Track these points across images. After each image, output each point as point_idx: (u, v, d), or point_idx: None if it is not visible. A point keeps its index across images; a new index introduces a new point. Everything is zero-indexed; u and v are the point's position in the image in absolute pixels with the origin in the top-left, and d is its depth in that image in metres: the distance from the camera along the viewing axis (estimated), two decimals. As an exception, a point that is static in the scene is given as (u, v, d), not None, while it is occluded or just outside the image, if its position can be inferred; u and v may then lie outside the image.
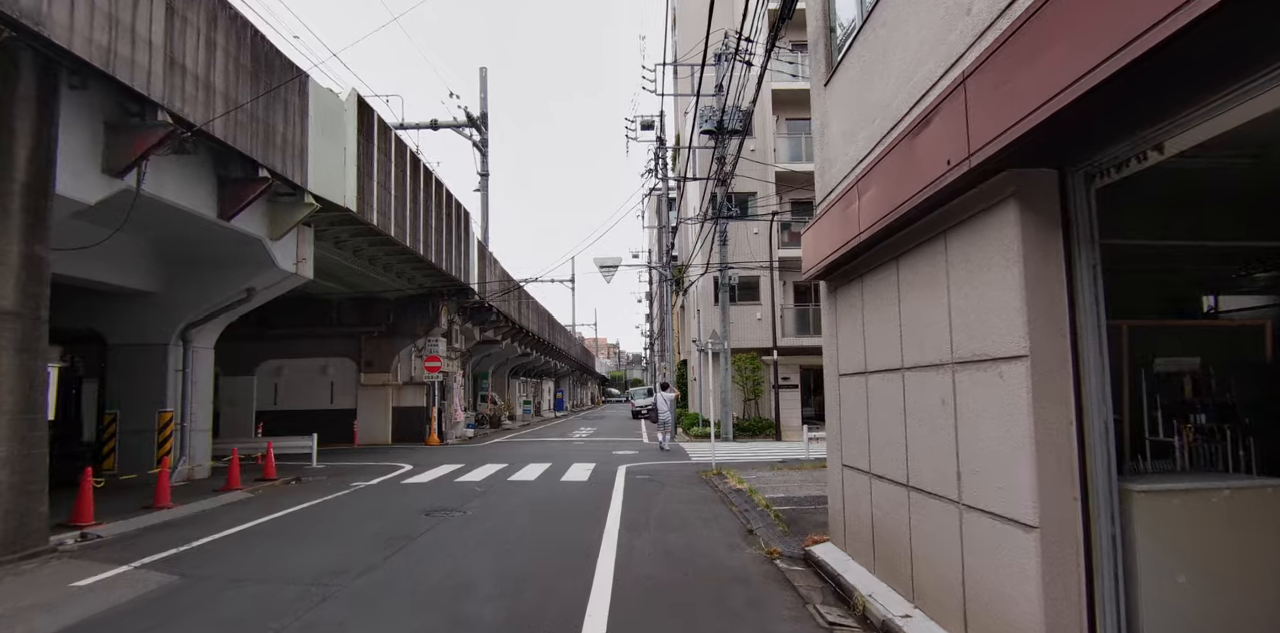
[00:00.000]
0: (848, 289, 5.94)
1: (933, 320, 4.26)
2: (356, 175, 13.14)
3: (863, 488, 5.57)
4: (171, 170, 9.27)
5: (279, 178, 10.69)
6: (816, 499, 8.96)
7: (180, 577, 5.75)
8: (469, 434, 24.56)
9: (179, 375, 11.88)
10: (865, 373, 5.50)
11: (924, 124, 3.87)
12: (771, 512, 8.12)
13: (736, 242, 21.99)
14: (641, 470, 13.07)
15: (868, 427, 5.44)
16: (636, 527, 7.50)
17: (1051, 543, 3.20)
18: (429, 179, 18.03)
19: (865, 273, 5.42)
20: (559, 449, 18.72)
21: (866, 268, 5.37)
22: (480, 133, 27.36)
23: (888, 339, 5.00)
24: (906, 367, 4.68)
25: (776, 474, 11.65)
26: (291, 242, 12.18)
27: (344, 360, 22.19)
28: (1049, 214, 3.37)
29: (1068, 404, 3.27)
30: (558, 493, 10.26)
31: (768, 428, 21.86)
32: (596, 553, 6.18)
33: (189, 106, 8.66)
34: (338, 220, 13.85)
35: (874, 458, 5.32)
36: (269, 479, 12.00)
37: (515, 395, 41.69)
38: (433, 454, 17.33)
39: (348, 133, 12.83)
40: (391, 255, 17.36)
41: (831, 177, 6.31)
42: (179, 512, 9.08)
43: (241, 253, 11.53)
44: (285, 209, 11.56)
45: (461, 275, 21.15)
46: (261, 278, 12.04)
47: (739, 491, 10.05)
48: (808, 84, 24.88)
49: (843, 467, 6.15)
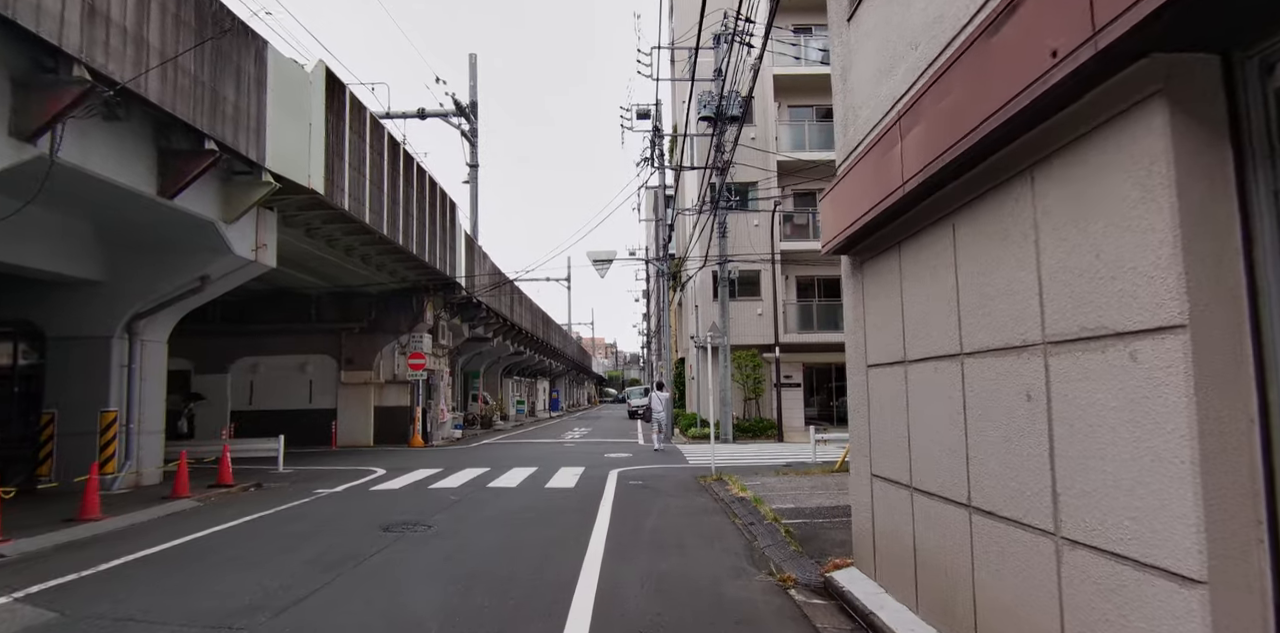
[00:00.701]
0: (880, 262, 4.87)
1: (1009, 288, 3.20)
2: (325, 155, 12.06)
3: (900, 504, 4.51)
4: (101, 138, 8.19)
5: (230, 151, 9.61)
6: (831, 511, 7.89)
7: (59, 615, 4.66)
8: (456, 436, 23.47)
9: (124, 372, 10.78)
10: (904, 363, 4.44)
11: (1009, 12, 2.80)
12: (781, 527, 7.05)
13: (736, 234, 20.93)
14: (635, 476, 12.00)
15: (907, 430, 4.38)
16: (624, 548, 6.43)
17: (1226, 606, 2.13)
18: (410, 165, 16.95)
19: (906, 237, 4.36)
20: (548, 452, 17.65)
21: (907, 231, 4.31)
22: (469, 122, 26.29)
23: (937, 319, 3.94)
24: (967, 352, 3.62)
25: (782, 481, 10.58)
26: (249, 225, 11.09)
27: (323, 358, 21.08)
28: (1211, 122, 2.31)
29: (1247, 397, 2.21)
30: (539, 503, 9.18)
31: (769, 429, 20.80)
32: (573, 587, 5.10)
33: (114, 63, 7.57)
34: (306, 204, 12.77)
35: (917, 469, 4.25)
36: (225, 486, 10.92)
37: (508, 395, 40.60)
38: (413, 458, 16.24)
39: (313, 108, 11.74)
40: (369, 245, 16.27)
41: (857, 128, 5.25)
42: (106, 525, 7.99)
43: (192, 237, 10.43)
44: (241, 189, 10.48)
45: (447, 269, 20.07)
46: (216, 265, 10.95)
47: (742, 500, 8.98)
48: (810, 69, 23.73)
49: (872, 477, 5.08)
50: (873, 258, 5.01)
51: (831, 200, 5.47)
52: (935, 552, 3.99)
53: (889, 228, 4.54)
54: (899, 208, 4.13)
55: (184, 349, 20.66)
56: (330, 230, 14.62)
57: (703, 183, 21.58)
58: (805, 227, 22.77)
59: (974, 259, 3.53)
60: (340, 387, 20.90)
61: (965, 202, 3.56)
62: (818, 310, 22.49)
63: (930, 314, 4.05)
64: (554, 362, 49.57)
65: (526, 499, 9.48)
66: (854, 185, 4.90)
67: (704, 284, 22.74)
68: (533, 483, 11.11)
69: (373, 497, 9.95)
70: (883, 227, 4.59)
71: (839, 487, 9.72)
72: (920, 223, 4.11)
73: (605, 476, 11.87)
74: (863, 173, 4.69)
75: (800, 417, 22.44)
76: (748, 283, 22.35)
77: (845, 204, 5.11)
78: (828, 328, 22.09)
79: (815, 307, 22.59)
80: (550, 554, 6.18)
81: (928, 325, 4.08)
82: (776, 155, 21.59)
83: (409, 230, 16.67)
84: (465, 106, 25.89)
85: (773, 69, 21.58)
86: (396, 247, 16.32)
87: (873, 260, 5.01)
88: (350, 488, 10.80)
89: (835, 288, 23.57)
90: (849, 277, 5.54)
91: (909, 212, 4.15)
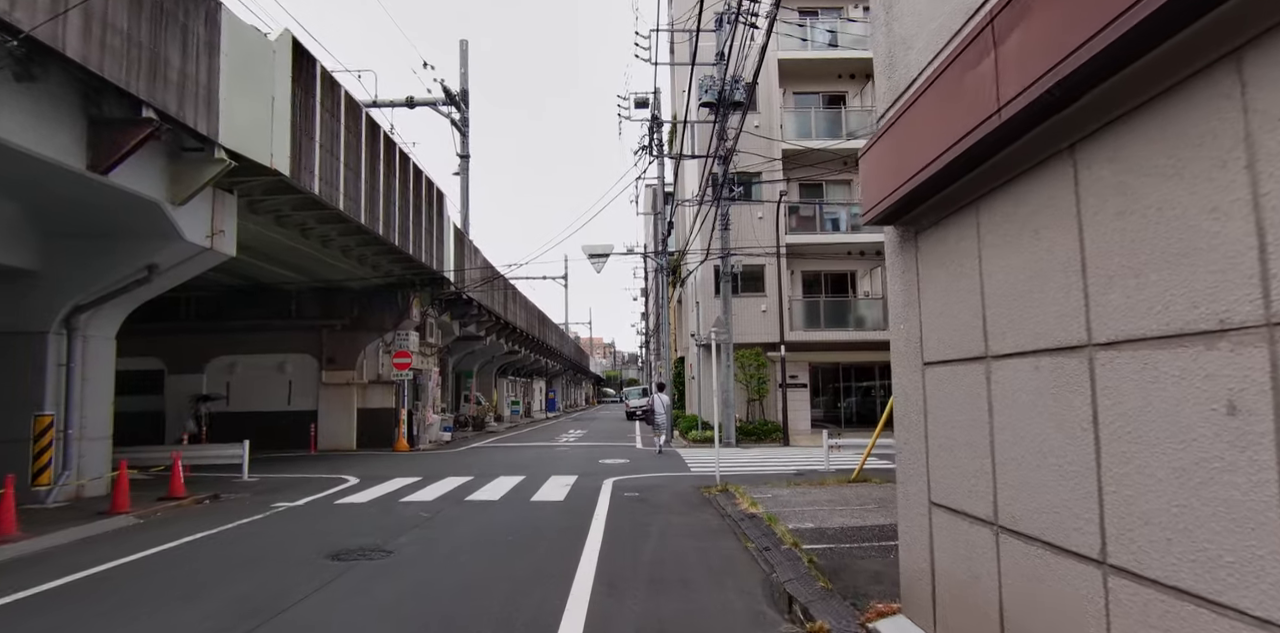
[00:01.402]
0: (944, 229, 3.78)
1: (1188, 246, 2.11)
2: (291, 133, 10.96)
3: (976, 546, 3.42)
4: (14, 102, 7.08)
5: (174, 123, 8.51)
6: (859, 533, 6.80)
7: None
8: (445, 439, 22.37)
9: (62, 371, 9.67)
10: (984, 359, 3.35)
11: None
12: (803, 555, 5.95)
13: (739, 226, 19.84)
14: (631, 486, 10.90)
15: (990, 448, 3.29)
16: (617, 584, 5.34)
17: None
18: (392, 150, 15.85)
19: (991, 190, 3.27)
20: (539, 457, 16.55)
21: (994, 181, 3.22)
22: (460, 111, 25.20)
23: (1044, 298, 2.85)
24: (1100, 343, 2.53)
25: (796, 493, 9.49)
26: (203, 209, 9.98)
27: (304, 357, 19.97)
28: None
29: None
30: (522, 522, 8.09)
31: (774, 432, 19.70)
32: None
33: (21, 11, 6.47)
34: (272, 188, 11.68)
35: (1007, 502, 3.16)
36: (174, 499, 9.82)
37: (503, 396, 39.50)
38: (394, 464, 15.14)
39: (277, 81, 10.64)
40: (347, 236, 15.17)
41: (908, 65, 4.15)
42: (20, 548, 6.90)
43: (136, 220, 9.33)
44: (190, 167, 9.37)
45: (434, 263, 18.98)
46: (166, 253, 9.84)
47: (753, 517, 7.89)
48: (817, 53, 22.65)
49: (930, 506, 3.99)
50: (934, 224, 3.91)
51: (873, 160, 4.38)
52: (1037, 615, 2.90)
53: (962, 182, 3.44)
54: (982, 150, 3.04)
55: (156, 348, 19.61)
56: (302, 218, 13.52)
57: (704, 173, 20.49)
58: (812, 219, 21.69)
59: (1122, 205, 2.44)
60: (321, 387, 19.80)
61: (1116, 116, 2.46)
62: (825, 307, 21.40)
63: (1031, 293, 2.95)
64: (550, 361, 48.48)
65: (508, 516, 8.38)
66: (905, 136, 3.81)
67: (705, 280, 21.65)
68: (518, 495, 10.01)
69: (335, 512, 8.84)
70: (951, 181, 3.50)
71: (861, 501, 8.63)
72: (1018, 166, 3.01)
73: (599, 486, 10.77)
74: (919, 118, 3.61)
75: (806, 419, 21.37)
76: (751, 278, 21.27)
77: (893, 161, 4.02)
78: (835, 325, 21.03)
79: (822, 303, 21.51)
80: (527, 594, 5.08)
81: (1025, 308, 2.99)
82: (781, 143, 20.50)
83: (390, 220, 15.56)
84: (456, 94, 24.80)
85: (777, 53, 20.50)
86: (377, 237, 15.23)
87: (934, 228, 3.92)
88: (313, 501, 9.69)
89: (843, 283, 22.50)
90: (896, 252, 4.45)
91: (1000, 153, 3.05)
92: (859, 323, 21.24)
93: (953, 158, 3.22)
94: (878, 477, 10.66)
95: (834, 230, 21.71)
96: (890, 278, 4.55)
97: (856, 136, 20.67)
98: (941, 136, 3.31)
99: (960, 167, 3.28)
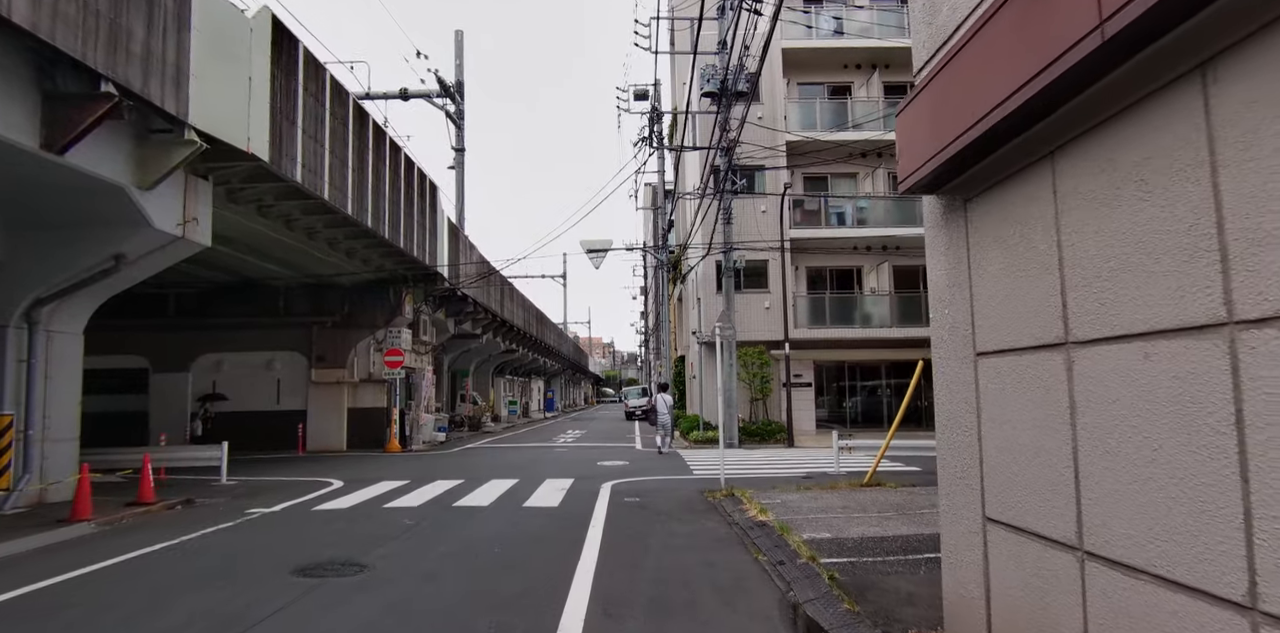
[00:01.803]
0: (1007, 191, 3.17)
1: None
2: (270, 116, 10.34)
3: (1051, 573, 2.81)
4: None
5: (138, 100, 7.90)
6: (882, 545, 6.19)
7: None
8: (440, 439, 21.74)
9: (23, 368, 9.05)
10: (1063, 346, 2.74)
11: None
12: (822, 571, 5.34)
13: (742, 221, 19.22)
14: (631, 490, 10.29)
15: (1073, 454, 2.68)
16: (615, 606, 4.72)
17: None
18: (381, 139, 15.23)
19: (1074, 138, 2.66)
20: (535, 459, 15.93)
21: (1081, 125, 2.61)
22: (455, 103, 24.56)
23: (1156, 265, 2.25)
24: (1248, 320, 1.92)
25: (807, 498, 8.88)
26: (174, 194, 9.36)
27: (293, 355, 19.34)
28: None
29: None
30: (512, 530, 7.47)
31: (778, 433, 19.08)
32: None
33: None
34: (251, 175, 11.06)
35: (1095, 521, 2.56)
36: (143, 504, 9.20)
37: (500, 396, 38.88)
38: (383, 466, 14.52)
39: (254, 61, 10.01)
40: (334, 228, 14.54)
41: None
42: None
43: (101, 206, 8.71)
44: (159, 149, 8.75)
45: (427, 257, 18.36)
46: (134, 241, 9.22)
47: (763, 525, 7.28)
48: (823, 42, 22.07)
49: (985, 522, 3.38)
50: (990, 188, 3.30)
51: (911, 119, 3.78)
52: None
53: (1033, 132, 2.83)
54: (1069, 84, 2.43)
55: (139, 345, 18.98)
56: (286, 208, 12.90)
57: (705, 166, 19.88)
58: (816, 212, 21.07)
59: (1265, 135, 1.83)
60: (311, 386, 19.17)
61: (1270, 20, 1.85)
62: (830, 303, 20.78)
63: (1137, 263, 2.34)
64: (549, 361, 47.86)
65: (497, 525, 7.76)
66: (953, 87, 3.21)
67: (706, 276, 21.03)
68: (510, 500, 9.39)
69: (311, 520, 8.22)
70: (1017, 132, 2.89)
71: (878, 507, 8.02)
72: (1121, 100, 2.40)
73: (596, 490, 10.15)
74: (973, 62, 3.01)
75: (811, 419, 20.76)
76: (754, 274, 20.64)
77: (937, 118, 3.42)
78: (840, 323, 20.41)
79: (827, 299, 20.89)
80: (512, 623, 4.45)
81: (1128, 282, 2.39)
82: (786, 134, 19.88)
83: (379, 212, 14.94)
84: (450, 86, 24.15)
85: (781, 42, 19.88)
86: (365, 229, 14.61)
87: (990, 193, 3.31)
88: (290, 507, 9.07)
89: (848, 279, 21.88)
90: (939, 226, 3.84)
91: (1094, 85, 2.44)
92: (865, 320, 20.62)
93: (1022, 101, 2.62)
94: (892, 480, 10.05)
95: (839, 224, 21.09)
96: (931, 256, 3.94)
97: (862, 128, 20.07)
98: (1006, 77, 2.70)
99: (1032, 111, 2.67)
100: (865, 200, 21.10)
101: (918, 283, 21.40)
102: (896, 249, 20.93)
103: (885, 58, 21.00)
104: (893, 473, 11.02)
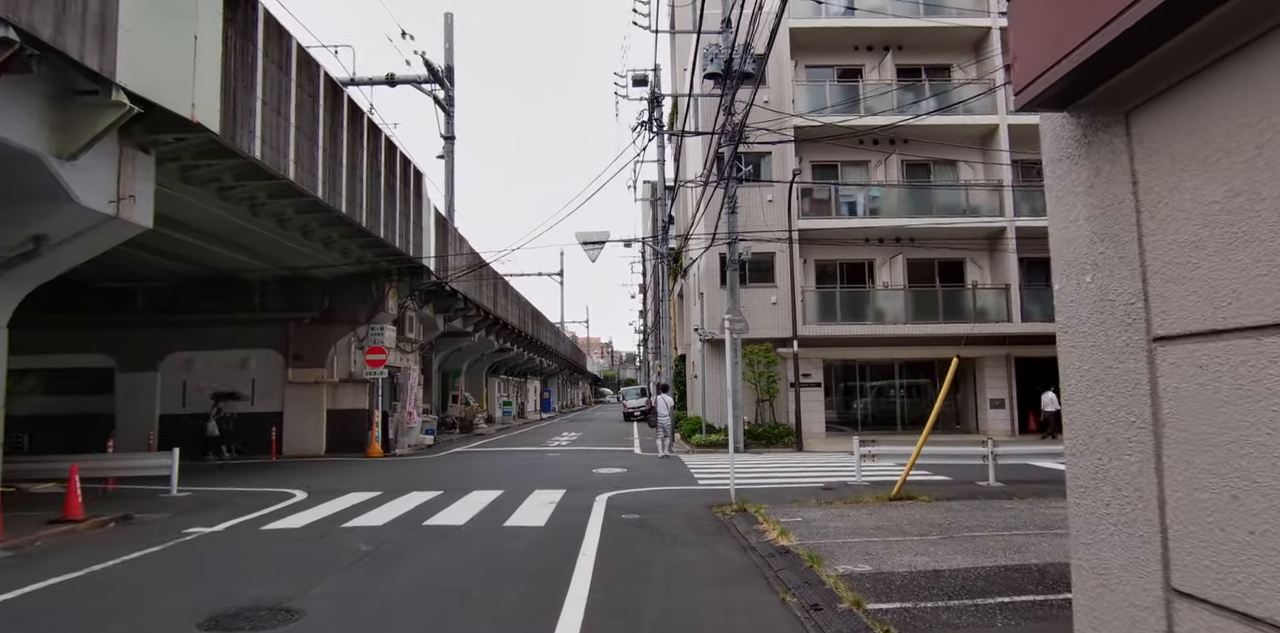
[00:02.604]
0: (1205, 96, 1.98)
1: None
2: (222, 82, 9.17)
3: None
4: None
5: (52, 51, 6.72)
6: (938, 583, 5.01)
7: None
8: (427, 442, 20.57)
9: (-71, 367, 7.87)
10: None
11: None
12: (875, 626, 4.17)
13: (747, 211, 18.04)
14: (630, 505, 9.11)
15: None
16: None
17: None
18: (358, 118, 14.07)
19: None
20: (525, 465, 14.75)
21: None
22: (445, 88, 23.39)
23: None
24: None
25: (832, 515, 7.72)
26: (105, 167, 8.18)
27: (268, 353, 18.17)
28: None
29: None
30: (487, 559, 6.30)
31: (785, 436, 17.92)
32: None
33: None
34: (205, 150, 9.89)
35: None
36: (71, 521, 8.02)
37: (494, 396, 37.69)
38: (358, 474, 13.34)
39: (202, 17, 8.83)
40: (307, 214, 13.36)
41: None
42: None
43: (12, 178, 7.52)
44: (82, 112, 7.56)
45: (412, 249, 17.19)
46: (56, 220, 8.03)
47: (786, 552, 6.11)
48: (832, 21, 20.85)
49: (1169, 595, 2.20)
50: (1169, 90, 2.13)
51: (1030, 2, 2.60)
52: None
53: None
54: None
55: (104, 343, 17.79)
56: (250, 190, 11.72)
57: (708, 152, 18.70)
58: (826, 202, 19.89)
59: None
60: (287, 386, 18.00)
61: None
62: (841, 299, 19.61)
63: None
64: (545, 360, 46.67)
65: (470, 551, 6.58)
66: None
67: (709, 269, 19.86)
68: (489, 518, 8.21)
69: (254, 543, 7.04)
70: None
71: (918, 529, 6.85)
72: None
73: (590, 505, 8.98)
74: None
75: (821, 421, 19.59)
76: (760, 267, 19.48)
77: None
78: (851, 319, 19.25)
79: (838, 294, 19.72)
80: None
81: None
82: (795, 118, 18.71)
83: (356, 198, 13.78)
84: (440, 71, 22.98)
85: (789, 20, 18.69)
86: (340, 216, 13.44)
87: (1188, 87, 2.13)
88: (236, 526, 7.88)
89: (860, 273, 20.71)
90: (1072, 157, 2.65)
91: None
92: (878, 316, 19.46)
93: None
94: (924, 493, 8.89)
95: (850, 215, 19.92)
96: (1059, 202, 2.75)
97: (875, 113, 18.92)
98: None
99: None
100: (878, 189, 19.95)
101: (933, 277, 20.25)
102: (911, 241, 19.78)
103: (899, 39, 19.86)
104: (922, 484, 9.85)
